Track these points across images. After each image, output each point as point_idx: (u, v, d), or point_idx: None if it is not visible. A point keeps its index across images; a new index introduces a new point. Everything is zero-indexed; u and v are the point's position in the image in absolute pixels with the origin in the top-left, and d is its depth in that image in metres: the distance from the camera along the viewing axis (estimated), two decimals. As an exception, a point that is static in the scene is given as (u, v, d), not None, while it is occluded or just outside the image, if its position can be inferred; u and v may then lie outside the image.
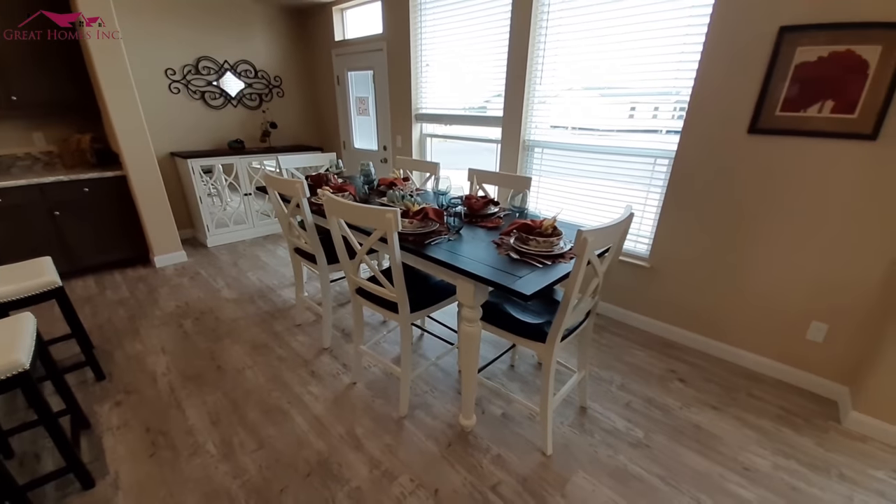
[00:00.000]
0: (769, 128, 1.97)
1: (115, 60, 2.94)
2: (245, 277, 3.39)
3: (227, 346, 2.42)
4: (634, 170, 2.50)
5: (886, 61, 1.64)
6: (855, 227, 1.85)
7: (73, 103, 3.22)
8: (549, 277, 1.37)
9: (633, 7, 2.26)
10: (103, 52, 2.88)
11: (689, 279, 2.40)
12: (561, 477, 1.58)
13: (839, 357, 2.00)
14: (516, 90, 2.84)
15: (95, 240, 3.31)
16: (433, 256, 1.53)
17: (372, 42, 3.85)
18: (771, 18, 1.85)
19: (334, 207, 1.66)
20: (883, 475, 1.61)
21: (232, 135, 4.38)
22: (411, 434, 1.78)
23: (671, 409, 1.95)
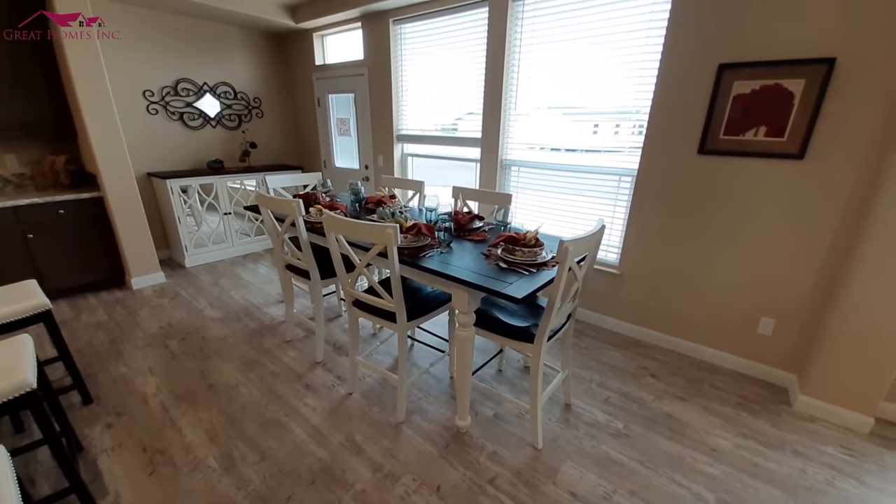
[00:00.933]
0: (715, 149, 2.26)
1: (94, 77, 2.94)
2: (228, 296, 3.38)
3: (217, 365, 2.43)
4: (602, 186, 2.75)
5: (809, 92, 1.95)
6: (790, 235, 2.14)
7: (48, 124, 3.18)
8: (537, 283, 1.54)
9: (596, 37, 2.54)
10: (81, 63, 2.87)
11: (654, 284, 2.64)
12: (551, 467, 1.72)
13: (786, 348, 2.27)
14: (493, 113, 3.06)
15: (70, 262, 3.22)
16: (430, 268, 1.67)
17: (353, 67, 4.02)
18: (711, 56, 2.16)
19: (334, 224, 1.77)
20: (831, 450, 1.85)
21: (211, 155, 4.38)
22: (409, 438, 1.88)
23: (645, 401, 2.14)
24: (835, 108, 1.91)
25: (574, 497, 1.58)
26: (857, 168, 1.92)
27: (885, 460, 1.80)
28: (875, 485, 1.68)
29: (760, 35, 2.01)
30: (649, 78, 2.38)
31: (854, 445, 1.88)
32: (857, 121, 1.88)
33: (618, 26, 2.44)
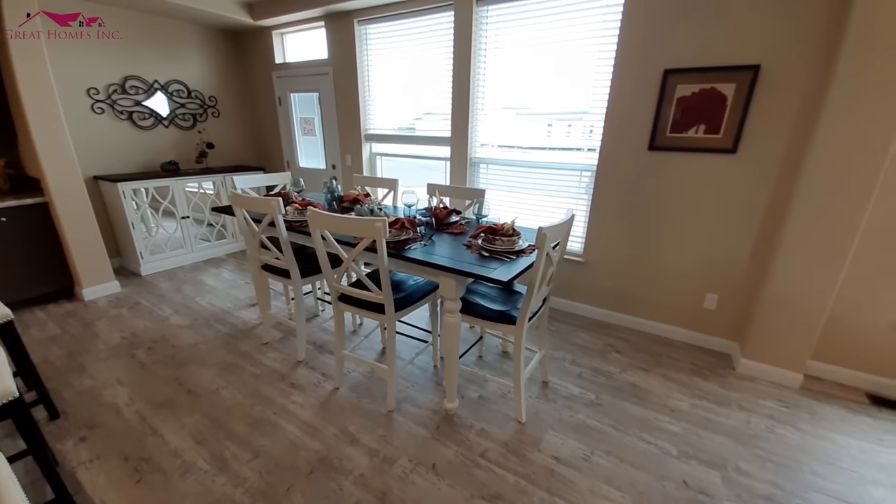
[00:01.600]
0: (663, 146, 2.52)
1: (37, 74, 2.76)
2: (194, 303, 3.26)
3: (193, 371, 2.37)
4: (566, 182, 2.96)
5: (739, 95, 2.24)
6: (728, 220, 2.44)
7: (-19, 125, 2.91)
8: (518, 267, 1.67)
9: (556, 42, 2.73)
10: (25, 62, 2.68)
11: (615, 270, 2.89)
12: (535, 437, 1.86)
13: (728, 319, 2.58)
14: (461, 113, 3.19)
15: (13, 274, 2.96)
16: (419, 259, 1.75)
17: (317, 67, 3.99)
18: (657, 63, 2.41)
19: (320, 221, 1.81)
20: (769, 403, 2.15)
21: (165, 156, 4.17)
22: (401, 424, 1.95)
23: (612, 374, 2.36)
24: (761, 108, 2.22)
25: (558, 461, 1.74)
26: (780, 160, 2.23)
27: (815, 409, 2.12)
28: (808, 430, 1.97)
29: (699, 44, 2.28)
30: (605, 81, 2.61)
31: (788, 398, 2.19)
32: (778, 119, 2.19)
33: (576, 33, 2.65)
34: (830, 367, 2.36)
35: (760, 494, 1.61)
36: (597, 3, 2.53)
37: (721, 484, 1.65)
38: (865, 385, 2.29)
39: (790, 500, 1.60)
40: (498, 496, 1.58)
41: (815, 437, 1.93)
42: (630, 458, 1.77)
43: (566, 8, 2.63)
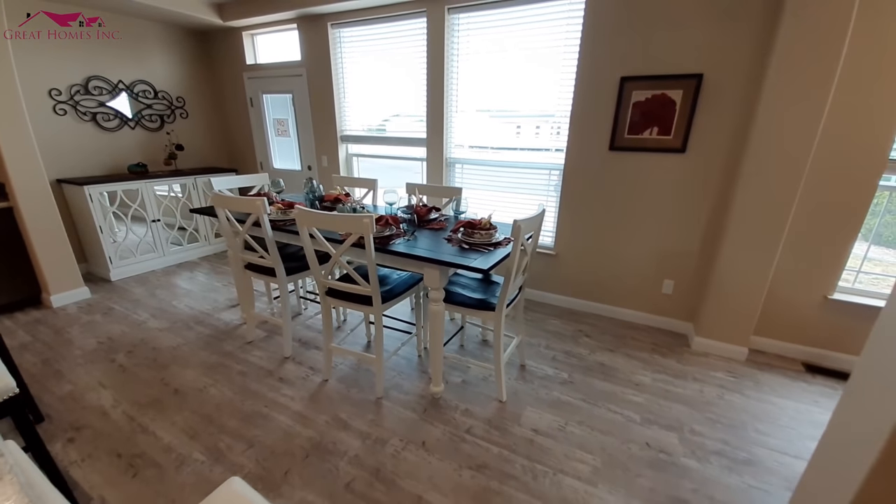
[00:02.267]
0: (621, 146, 2.76)
1: (2, 74, 2.67)
2: (171, 306, 3.23)
3: (178, 372, 2.38)
4: (536, 180, 3.16)
5: (686, 100, 2.50)
6: (679, 213, 2.71)
7: (-67, 126, 2.78)
8: (496, 257, 1.83)
9: (524, 49, 2.93)
10: None
11: (583, 261, 3.11)
12: (515, 414, 2.03)
13: (684, 303, 2.85)
14: (436, 115, 3.33)
15: (-28, 282, 2.84)
16: (405, 252, 1.88)
17: (290, 68, 4.02)
18: (614, 71, 2.64)
19: (307, 219, 1.90)
20: (720, 374, 2.41)
21: (132, 158, 4.07)
22: (390, 409, 2.06)
23: (583, 356, 2.57)
24: (705, 112, 2.48)
25: (536, 432, 1.91)
26: (723, 159, 2.51)
27: (759, 378, 2.40)
28: (752, 395, 2.24)
29: (650, 54, 2.52)
30: (569, 86, 2.82)
31: (736, 370, 2.47)
32: (720, 122, 2.46)
33: (542, 42, 2.85)
34: (771, 341, 2.66)
35: (712, 450, 1.84)
36: (559, 16, 2.74)
37: (678, 443, 1.87)
38: (801, 356, 2.61)
39: (737, 454, 1.83)
40: (484, 465, 1.72)
41: (759, 401, 2.20)
42: (599, 426, 1.96)
43: (532, 18, 2.82)
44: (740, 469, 1.75)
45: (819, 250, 2.41)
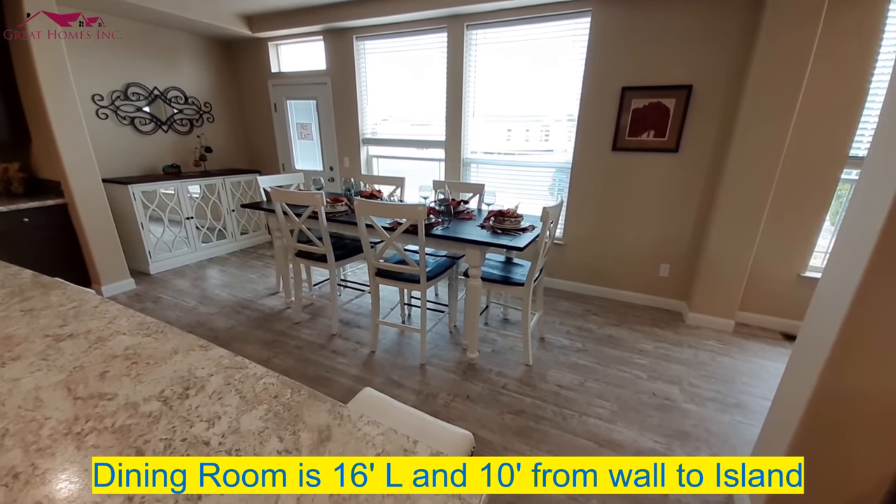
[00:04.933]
0: (622, 147, 3.15)
1: (60, 79, 2.94)
2: (215, 294, 3.51)
3: (240, 347, 2.68)
4: (547, 177, 3.53)
5: (678, 108, 2.90)
6: (673, 204, 3.11)
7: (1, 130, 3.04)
8: (528, 238, 2.19)
9: (536, 63, 3.31)
10: (48, 63, 2.85)
11: (588, 249, 3.50)
12: (541, 374, 2.39)
13: (678, 284, 3.25)
14: (454, 119, 3.69)
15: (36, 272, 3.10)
16: (451, 236, 2.23)
17: (314, 77, 4.35)
18: (616, 81, 3.04)
19: (366, 209, 2.23)
20: (711, 342, 2.81)
21: (164, 160, 4.34)
22: (434, 372, 2.41)
23: (593, 329, 2.94)
24: (695, 118, 2.89)
25: (561, 387, 2.27)
26: (710, 158, 2.92)
27: (744, 345, 2.80)
28: (739, 357, 2.64)
29: (647, 68, 2.92)
30: (576, 94, 3.21)
31: (724, 339, 2.87)
32: (707, 127, 2.87)
33: (551, 54, 3.23)
34: (754, 315, 3.07)
35: (707, 398, 2.23)
36: (567, 33, 3.13)
37: (679, 393, 2.25)
38: (780, 327, 3.02)
39: (728, 399, 2.22)
40: (521, 411, 2.08)
41: (745, 361, 2.60)
42: (613, 381, 2.33)
43: (542, 34, 3.21)
44: (731, 410, 2.13)
45: (792, 234, 2.83)
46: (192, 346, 1.09)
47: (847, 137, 2.55)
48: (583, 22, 3.06)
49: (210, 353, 1.05)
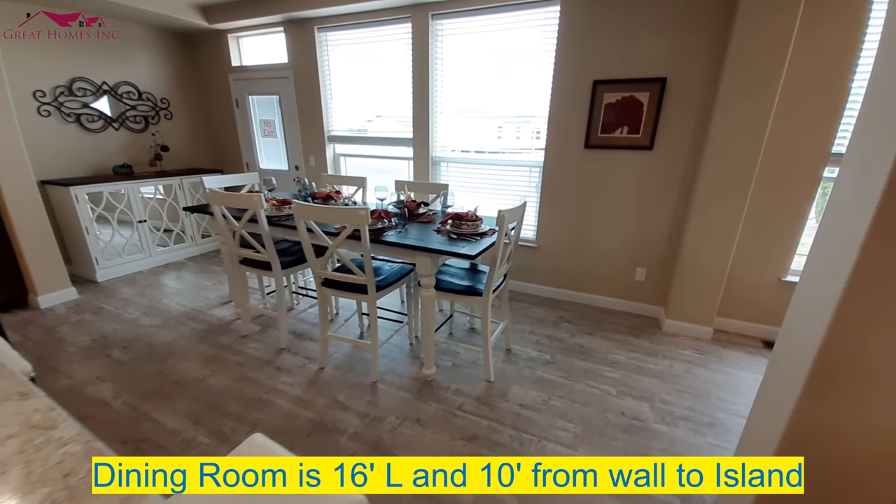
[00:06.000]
0: (595, 144, 2.96)
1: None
2: (162, 304, 3.27)
3: (176, 364, 2.45)
4: (518, 177, 3.34)
5: (652, 102, 2.72)
6: (649, 205, 2.93)
7: (-85, 127, 2.76)
8: (483, 245, 1.99)
9: (505, 53, 3.11)
10: None
11: (562, 252, 3.31)
12: (502, 391, 2.19)
13: (655, 288, 3.07)
14: (421, 116, 3.48)
15: (-43, 283, 2.83)
16: (398, 242, 2.01)
17: (276, 70, 4.10)
18: (588, 74, 2.84)
19: (305, 212, 2.01)
20: (688, 352, 2.63)
21: (116, 159, 4.07)
22: (386, 391, 2.19)
23: (564, 339, 2.75)
24: (669, 113, 2.71)
25: (522, 406, 2.07)
26: (686, 155, 2.74)
27: (722, 354, 2.63)
28: (716, 369, 2.46)
29: (619, 59, 2.73)
30: (547, 88, 3.01)
31: (702, 347, 2.70)
32: (682, 123, 2.69)
33: (521, 46, 3.03)
34: (733, 321, 2.91)
35: (679, 416, 2.04)
36: (536, 23, 2.93)
37: (650, 411, 2.06)
38: (760, 334, 2.85)
39: (702, 418, 2.04)
40: (475, 436, 1.87)
41: (721, 373, 2.42)
42: (579, 399, 2.14)
43: (510, 25, 3.01)
44: (704, 431, 1.95)
45: (772, 237, 2.66)
46: (10, 393, 0.86)
47: (830, 132, 2.39)
48: (552, 11, 2.86)
49: (24, 405, 0.82)
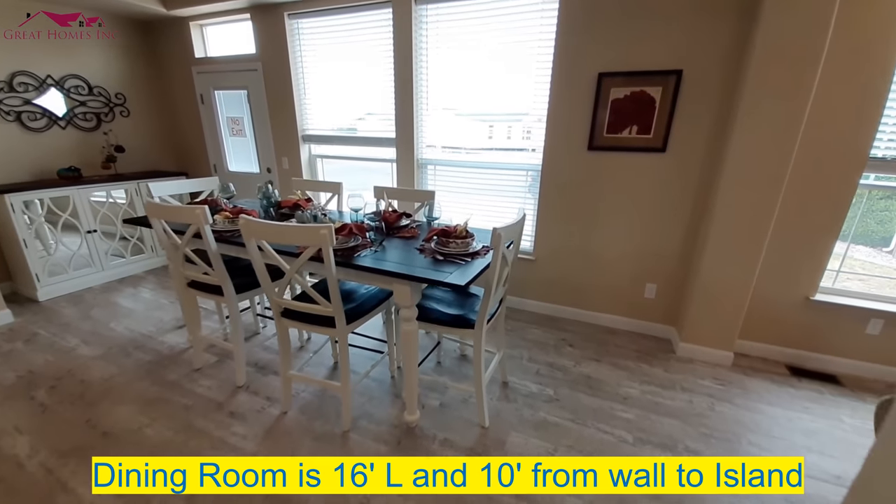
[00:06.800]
0: (600, 145, 2.63)
1: None
2: (107, 329, 2.84)
3: (109, 409, 2.05)
4: (514, 182, 2.99)
5: (665, 97, 2.39)
6: (660, 214, 2.61)
7: None
8: (474, 269, 1.63)
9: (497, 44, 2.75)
10: None
11: (563, 265, 2.97)
12: (499, 440, 1.84)
13: (666, 306, 2.76)
14: (405, 113, 3.11)
15: None
16: (370, 266, 1.65)
17: (243, 62, 3.69)
18: (592, 67, 2.50)
19: (255, 230, 1.63)
20: (708, 382, 2.31)
21: (62, 161, 3.61)
22: (359, 443, 1.83)
23: (567, 368, 2.41)
24: (685, 110, 2.38)
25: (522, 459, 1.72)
26: (703, 158, 2.42)
27: (746, 384, 2.32)
28: (742, 404, 2.15)
29: (629, 50, 2.40)
30: (545, 83, 2.67)
31: (722, 376, 2.38)
32: (700, 120, 2.37)
33: (515, 36, 2.68)
34: (755, 343, 2.60)
35: (708, 470, 1.71)
36: (533, 7, 2.58)
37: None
38: (785, 358, 2.56)
39: (733, 471, 1.71)
40: (461, 502, 1.52)
41: (749, 410, 2.11)
42: (590, 448, 1.80)
43: (504, 10, 2.65)
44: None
45: (801, 250, 2.36)
46: None
47: (870, 132, 2.08)
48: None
49: None
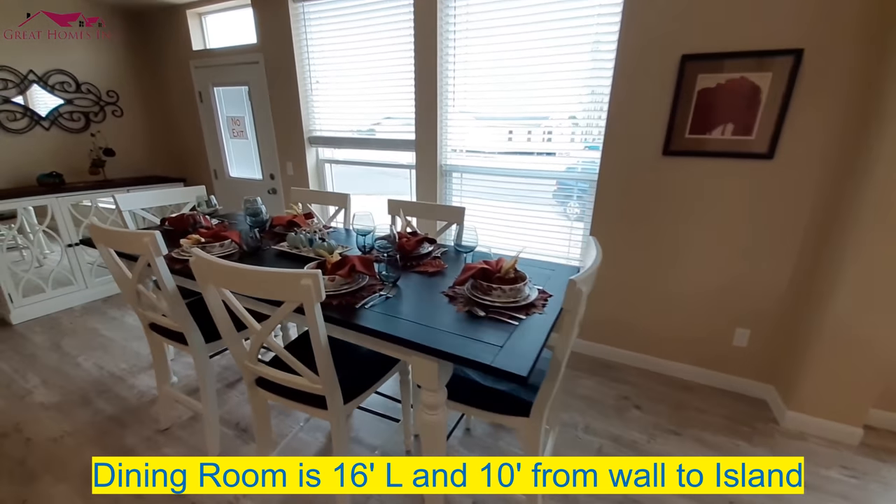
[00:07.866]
0: (681, 149, 2.04)
1: None
2: (74, 366, 2.40)
3: (47, 488, 1.58)
4: (560, 193, 2.42)
5: (777, 87, 1.78)
6: (760, 239, 1.99)
7: None
8: (536, 338, 1.08)
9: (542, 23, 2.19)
10: None
11: (621, 297, 2.38)
12: (562, 580, 1.27)
13: (763, 359, 2.13)
14: (428, 111, 2.58)
15: None
16: (377, 329, 1.11)
17: (244, 54, 3.23)
18: (672, 47, 1.92)
19: (210, 273, 1.12)
20: (835, 474, 1.69)
21: (44, 166, 3.23)
22: (360, 572, 1.29)
23: (639, 444, 1.82)
24: (803, 103, 1.77)
25: None
26: (829, 167, 1.80)
27: (884, 476, 1.69)
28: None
29: (724, 24, 1.81)
30: (607, 70, 2.09)
31: (852, 463, 1.75)
32: (826, 117, 1.76)
33: (569, 11, 2.11)
34: (885, 413, 1.95)
35: None
36: (595, -28, 2.01)
37: None
38: (925, 432, 1.91)
39: None
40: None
41: (906, 523, 1.48)
42: None
43: (556, -22, 2.09)
44: None
45: (972, 296, 1.71)
46: None
47: None
48: (618, -47, 1.94)
49: None
